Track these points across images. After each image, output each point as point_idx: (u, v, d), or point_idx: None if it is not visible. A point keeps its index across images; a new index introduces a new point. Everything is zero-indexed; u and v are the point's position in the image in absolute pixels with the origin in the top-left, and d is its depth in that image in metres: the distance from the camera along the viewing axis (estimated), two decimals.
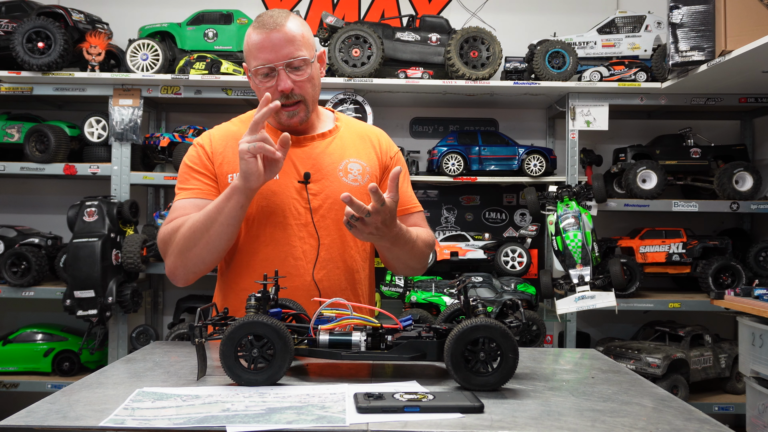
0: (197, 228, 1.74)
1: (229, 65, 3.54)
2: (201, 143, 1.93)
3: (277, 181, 1.84)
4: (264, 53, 1.78)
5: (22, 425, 1.10)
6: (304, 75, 1.82)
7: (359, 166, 1.93)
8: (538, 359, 1.71)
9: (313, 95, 1.88)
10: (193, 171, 1.89)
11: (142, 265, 3.40)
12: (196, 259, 1.78)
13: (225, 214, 1.70)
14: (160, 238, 1.84)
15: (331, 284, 1.87)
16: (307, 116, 1.88)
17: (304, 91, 1.83)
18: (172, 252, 1.80)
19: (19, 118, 3.76)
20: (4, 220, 3.96)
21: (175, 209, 1.85)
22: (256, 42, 1.79)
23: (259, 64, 1.79)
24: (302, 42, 1.81)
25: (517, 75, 3.64)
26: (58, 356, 3.60)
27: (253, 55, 1.80)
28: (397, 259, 1.89)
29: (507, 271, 3.58)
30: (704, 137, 3.94)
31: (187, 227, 1.76)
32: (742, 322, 2.79)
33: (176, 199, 1.88)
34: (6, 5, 3.63)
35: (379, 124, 2.85)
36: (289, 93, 1.81)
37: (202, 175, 1.88)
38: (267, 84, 1.81)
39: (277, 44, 1.77)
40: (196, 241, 1.75)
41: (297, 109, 1.85)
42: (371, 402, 1.17)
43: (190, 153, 1.93)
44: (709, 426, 1.15)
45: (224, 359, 1.32)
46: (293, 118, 1.86)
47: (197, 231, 1.74)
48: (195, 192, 1.86)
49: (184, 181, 1.89)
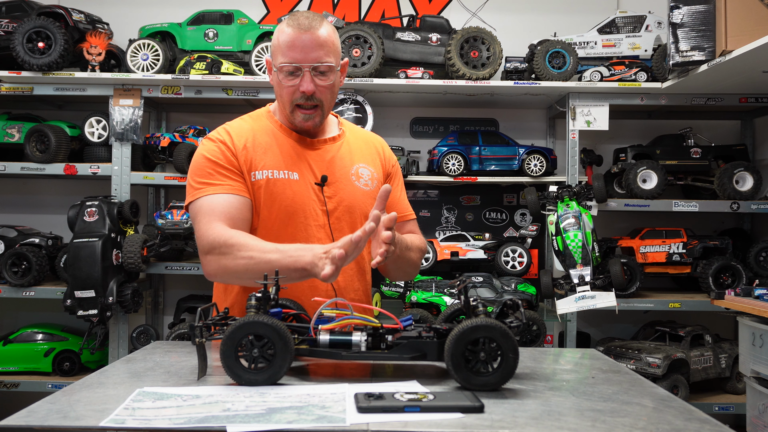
0: (256, 265, 1.67)
1: (229, 65, 3.54)
2: (222, 139, 1.88)
3: (297, 182, 1.86)
4: (293, 52, 1.79)
5: (23, 425, 1.10)
6: (328, 81, 1.84)
7: (368, 171, 1.98)
8: (538, 359, 1.71)
9: (330, 102, 1.90)
10: (217, 166, 1.84)
11: (142, 265, 3.40)
12: (239, 281, 1.82)
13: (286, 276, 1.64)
14: (209, 239, 1.76)
15: (346, 285, 1.91)
16: (321, 121, 1.90)
17: (324, 97, 1.86)
18: (218, 263, 1.76)
19: (20, 118, 3.76)
20: (4, 220, 3.96)
21: (209, 205, 1.80)
22: (287, 40, 1.80)
23: (287, 61, 1.80)
24: (331, 49, 1.83)
25: (517, 75, 3.64)
26: (58, 356, 3.59)
27: (282, 52, 1.81)
28: (397, 268, 1.96)
29: (507, 271, 3.58)
30: (704, 137, 3.94)
31: (242, 261, 1.71)
32: (742, 322, 2.79)
33: (202, 194, 1.81)
34: (6, 5, 3.63)
35: (379, 124, 2.86)
36: (310, 96, 1.82)
37: (228, 171, 1.84)
38: (290, 82, 1.82)
39: (308, 45, 1.79)
40: (250, 274, 1.69)
41: (314, 114, 1.86)
42: (372, 402, 1.17)
43: (209, 148, 1.87)
44: (709, 426, 1.15)
45: (225, 359, 1.32)
46: (308, 122, 1.87)
47: (255, 267, 1.67)
48: (227, 188, 1.82)
49: (208, 176, 1.83)
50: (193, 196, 1.83)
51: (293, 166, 1.87)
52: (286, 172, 1.86)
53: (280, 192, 1.84)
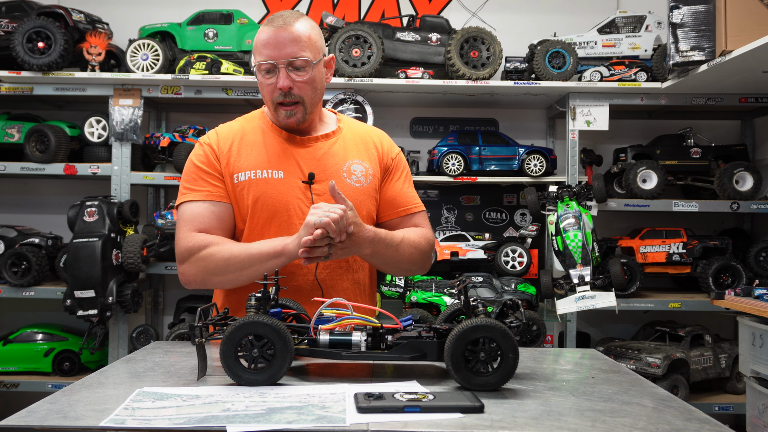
0: (233, 263, 1.77)
1: (229, 65, 3.54)
2: (208, 142, 1.93)
3: (281, 181, 1.86)
4: (268, 49, 1.81)
5: (23, 425, 1.10)
6: (305, 76, 1.83)
7: (362, 167, 1.95)
8: (538, 359, 1.71)
9: (313, 98, 1.89)
10: (200, 171, 1.89)
11: (142, 265, 3.40)
12: (218, 284, 1.85)
13: (266, 267, 1.72)
14: (184, 245, 1.83)
15: (333, 284, 1.88)
16: (304, 118, 1.89)
17: (303, 93, 1.85)
18: (196, 266, 1.81)
19: (20, 118, 3.76)
20: (4, 220, 3.96)
21: (190, 213, 1.85)
22: (262, 38, 1.83)
23: (262, 59, 1.82)
24: (307, 44, 1.83)
25: (517, 75, 3.64)
26: (58, 356, 3.59)
27: (258, 51, 1.84)
28: (385, 264, 1.92)
29: (507, 271, 3.58)
30: (704, 137, 3.94)
31: (222, 257, 1.77)
32: (742, 322, 2.79)
33: (185, 198, 1.88)
34: (6, 5, 3.63)
35: (379, 124, 2.86)
36: (288, 92, 1.83)
37: (210, 176, 1.88)
38: (268, 80, 1.84)
39: (281, 42, 1.80)
40: (227, 273, 1.78)
41: (294, 110, 1.86)
42: (371, 402, 1.17)
43: (196, 152, 1.93)
44: (709, 426, 1.15)
45: (224, 359, 1.32)
46: (290, 118, 1.87)
47: (231, 265, 1.77)
48: (205, 194, 1.86)
49: (192, 182, 1.89)
50: (179, 200, 1.91)
51: (279, 164, 1.88)
52: (270, 172, 1.87)
53: (262, 192, 1.85)
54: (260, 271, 1.71)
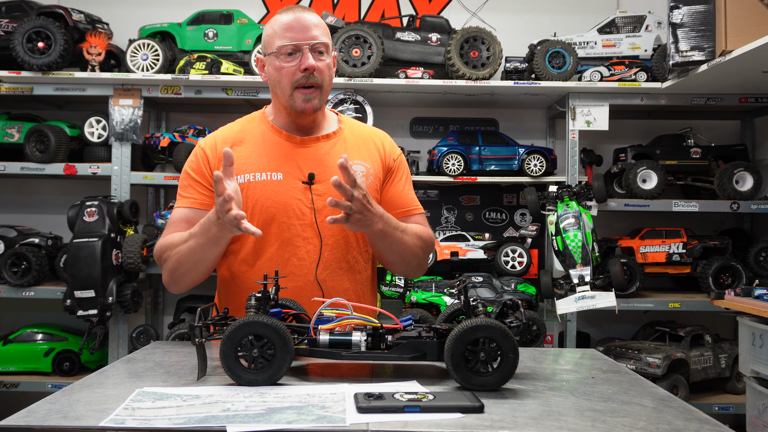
0: (182, 257, 1.80)
1: (229, 65, 3.54)
2: (204, 147, 1.94)
3: (280, 182, 1.86)
4: (291, 32, 1.83)
5: (23, 425, 1.10)
6: (326, 60, 1.88)
7: (363, 168, 1.95)
8: (538, 359, 1.71)
9: (328, 86, 1.92)
10: (190, 178, 1.92)
11: (142, 265, 3.40)
12: (189, 280, 1.87)
13: (207, 249, 1.76)
14: (156, 250, 1.91)
15: (334, 284, 1.88)
16: (320, 104, 1.90)
17: (323, 77, 1.87)
18: (165, 268, 1.88)
19: (19, 118, 3.76)
20: (4, 220, 3.96)
21: (172, 220, 1.91)
22: (284, 22, 1.85)
23: (286, 41, 1.83)
24: (325, 31, 1.89)
25: (517, 75, 3.64)
26: (58, 356, 3.59)
27: (279, 35, 1.85)
28: (391, 250, 1.87)
29: (507, 271, 3.58)
30: (704, 137, 3.94)
31: (175, 251, 1.81)
32: (742, 322, 2.79)
33: (175, 205, 1.94)
34: (6, 5, 3.63)
35: (379, 124, 2.86)
36: (311, 74, 1.84)
37: (198, 184, 1.91)
38: (290, 63, 1.84)
39: (304, 26, 1.84)
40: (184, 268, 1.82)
41: (313, 94, 1.86)
42: (371, 402, 1.17)
43: (190, 158, 1.96)
44: (709, 426, 1.15)
45: (224, 359, 1.32)
46: (308, 103, 1.86)
47: (182, 257, 1.80)
48: (190, 201, 1.90)
49: (183, 188, 1.94)
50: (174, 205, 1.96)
51: (278, 166, 1.88)
52: (268, 174, 1.87)
53: (260, 194, 1.86)
54: (209, 255, 1.77)
